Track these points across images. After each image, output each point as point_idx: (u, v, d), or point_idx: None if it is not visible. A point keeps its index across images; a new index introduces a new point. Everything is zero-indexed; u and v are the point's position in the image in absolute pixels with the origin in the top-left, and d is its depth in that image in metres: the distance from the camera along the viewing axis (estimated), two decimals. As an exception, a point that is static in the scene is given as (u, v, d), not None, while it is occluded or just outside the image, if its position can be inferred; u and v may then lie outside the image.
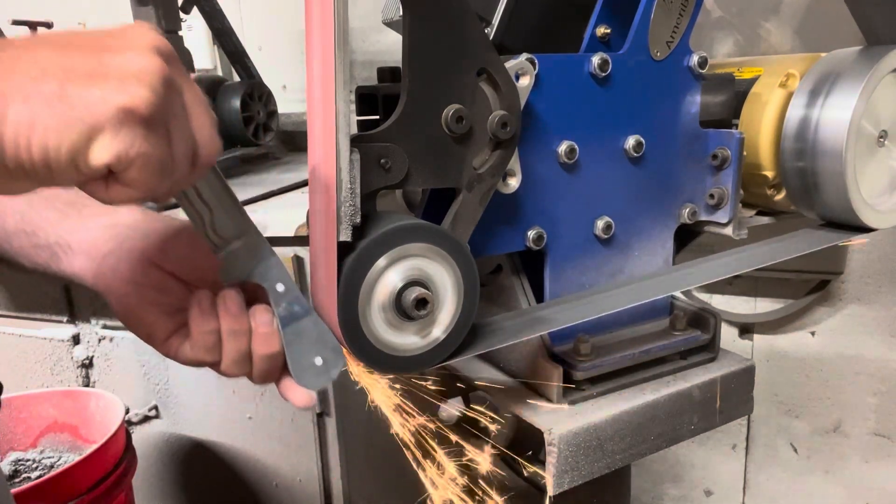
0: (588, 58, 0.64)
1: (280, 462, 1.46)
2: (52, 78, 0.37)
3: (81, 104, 0.37)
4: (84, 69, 0.38)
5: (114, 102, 0.37)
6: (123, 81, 0.38)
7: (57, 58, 0.38)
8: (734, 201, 0.73)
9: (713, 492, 1.86)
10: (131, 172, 0.39)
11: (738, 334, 1.71)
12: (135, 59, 0.39)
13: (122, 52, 0.39)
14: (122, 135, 0.38)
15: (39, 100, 0.36)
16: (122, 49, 0.40)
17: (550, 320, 0.62)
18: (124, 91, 0.38)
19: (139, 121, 0.38)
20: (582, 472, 0.64)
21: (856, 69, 0.70)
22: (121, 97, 0.38)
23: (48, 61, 0.37)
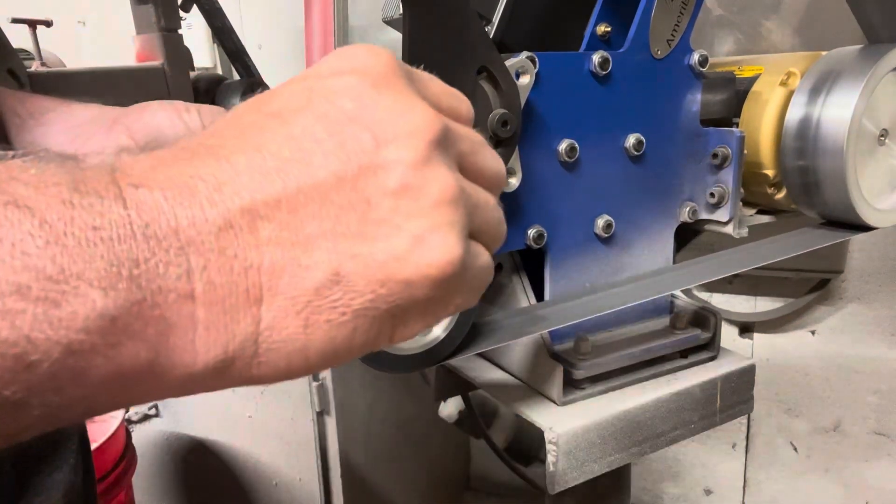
0: (588, 56, 0.64)
1: (280, 461, 1.46)
2: (323, 267, 0.25)
3: (371, 297, 0.26)
4: (355, 233, 0.26)
5: (417, 280, 0.26)
6: (420, 238, 0.26)
7: (312, 234, 0.25)
8: (735, 200, 0.73)
9: (713, 491, 1.86)
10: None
11: (738, 333, 1.71)
12: (413, 180, 0.26)
13: (387, 170, 0.26)
14: (429, 312, 0.28)
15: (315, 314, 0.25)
16: (387, 165, 0.26)
17: (551, 319, 0.62)
18: (423, 254, 0.26)
19: (447, 279, 0.27)
20: (582, 471, 0.64)
21: (857, 68, 0.70)
22: (421, 264, 0.26)
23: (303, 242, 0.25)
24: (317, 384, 1.34)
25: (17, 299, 0.20)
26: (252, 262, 0.24)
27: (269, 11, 2.14)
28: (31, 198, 0.21)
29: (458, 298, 0.29)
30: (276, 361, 0.26)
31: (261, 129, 0.26)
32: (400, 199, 0.26)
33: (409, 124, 0.27)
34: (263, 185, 0.25)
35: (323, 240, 0.25)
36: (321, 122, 0.26)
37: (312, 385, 1.34)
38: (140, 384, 0.24)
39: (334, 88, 0.27)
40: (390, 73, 0.28)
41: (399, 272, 0.26)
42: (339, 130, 0.26)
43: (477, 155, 0.31)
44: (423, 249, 0.26)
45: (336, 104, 0.26)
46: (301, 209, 0.25)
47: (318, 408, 1.36)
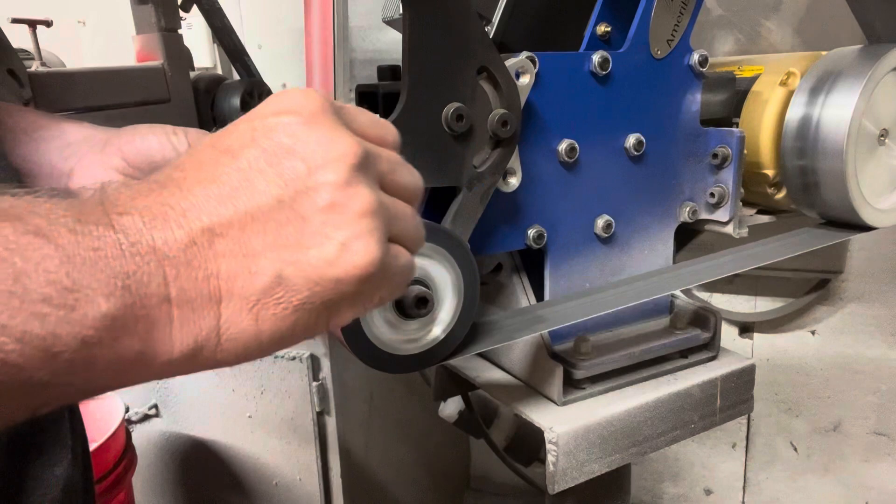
0: (588, 56, 0.64)
1: (280, 461, 1.46)
2: (268, 272, 0.31)
3: (307, 294, 0.32)
4: (294, 243, 0.32)
5: (344, 278, 0.32)
6: (345, 245, 0.32)
7: (264, 245, 0.32)
8: (734, 200, 0.73)
9: (713, 490, 1.86)
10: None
11: (738, 333, 1.71)
12: (338, 198, 0.32)
13: (317, 191, 0.32)
14: (357, 303, 0.34)
15: (262, 307, 0.32)
16: (317, 187, 0.32)
17: (551, 319, 0.62)
18: (348, 257, 0.32)
19: (370, 277, 0.33)
20: (582, 471, 0.64)
21: (856, 68, 0.70)
22: (347, 266, 0.32)
23: (257, 251, 0.31)
24: (317, 384, 1.34)
25: (44, 305, 0.27)
26: (212, 271, 0.31)
27: (269, 11, 2.14)
28: (46, 228, 0.28)
29: (382, 292, 0.36)
30: (235, 348, 0.32)
31: (215, 164, 0.33)
32: (328, 214, 0.32)
33: (334, 152, 0.33)
34: (218, 210, 0.31)
35: (268, 250, 0.32)
36: (263, 156, 0.32)
37: (312, 385, 1.34)
38: (132, 369, 0.30)
39: (274, 126, 0.33)
40: (320, 112, 0.34)
41: (330, 273, 0.32)
42: (278, 161, 0.32)
43: (395, 173, 0.37)
44: (349, 254, 0.32)
45: (275, 140, 0.33)
46: (249, 227, 0.31)
47: (318, 408, 1.36)
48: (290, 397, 1.39)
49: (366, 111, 0.39)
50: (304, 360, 1.34)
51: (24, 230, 0.27)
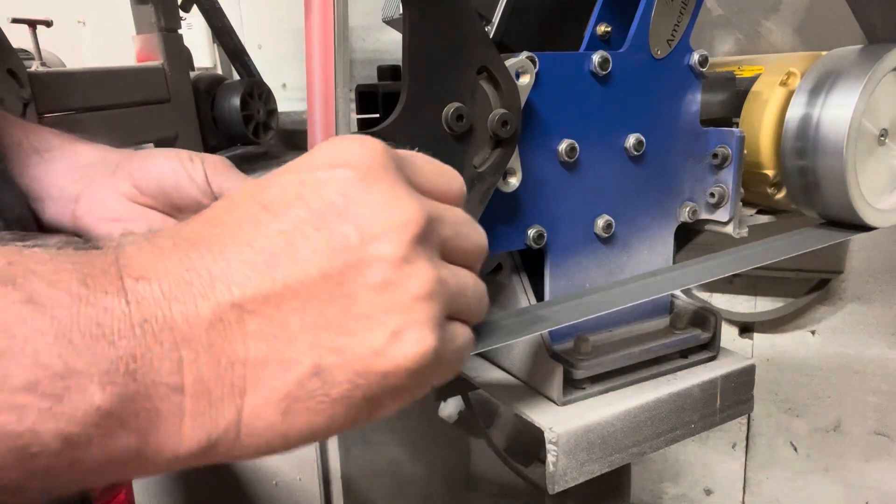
0: (588, 56, 0.64)
1: (280, 461, 1.46)
2: (304, 360, 0.27)
3: (348, 387, 0.27)
4: (336, 326, 0.27)
5: (393, 372, 0.28)
6: (397, 333, 0.28)
7: (306, 334, 0.27)
8: (734, 200, 0.73)
9: (713, 490, 1.86)
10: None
11: (738, 333, 1.71)
12: (394, 276, 0.28)
13: (370, 265, 0.27)
14: (404, 396, 0.30)
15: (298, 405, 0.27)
16: (370, 260, 0.27)
17: (551, 319, 0.62)
18: (399, 347, 0.28)
19: (422, 370, 0.29)
20: (582, 471, 0.64)
21: (857, 68, 0.70)
22: (398, 358, 0.28)
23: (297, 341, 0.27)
24: (317, 384, 1.34)
25: (25, 394, 0.22)
26: (238, 356, 0.26)
27: (269, 11, 2.14)
28: (43, 293, 0.23)
29: (434, 380, 0.31)
30: (257, 444, 0.27)
31: (254, 223, 0.27)
32: (381, 295, 0.27)
33: (393, 220, 0.28)
34: (252, 281, 0.26)
35: (305, 333, 0.27)
36: (310, 217, 0.27)
37: (312, 385, 1.34)
38: (128, 467, 0.26)
39: (324, 182, 0.28)
40: (379, 166, 0.29)
41: (376, 365, 0.27)
42: (327, 226, 0.27)
43: (460, 238, 0.33)
44: (400, 344, 0.28)
45: (325, 199, 0.28)
46: (286, 304, 0.26)
47: (318, 408, 1.36)
48: (290, 397, 1.39)
49: (430, 159, 0.35)
50: (304, 360, 1.34)
51: (15, 299, 0.22)
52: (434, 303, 0.29)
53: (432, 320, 0.28)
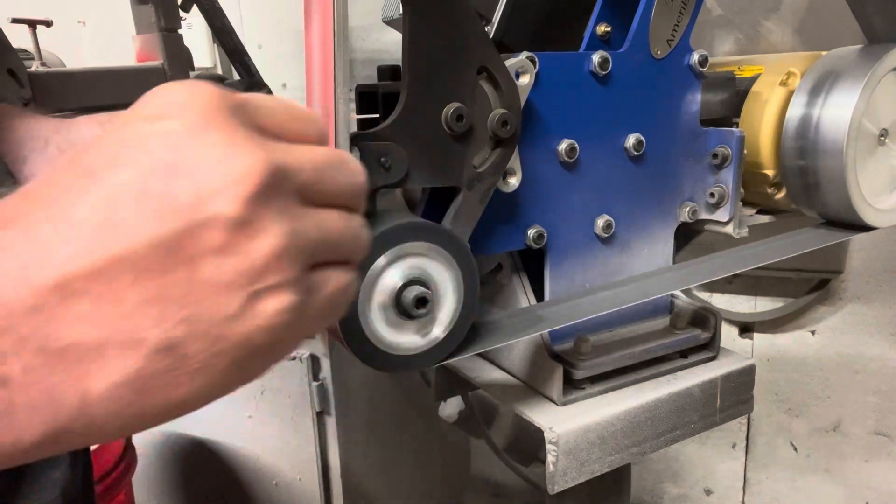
0: (588, 56, 0.64)
1: (280, 461, 1.46)
2: (149, 336, 0.24)
3: (206, 356, 0.25)
4: (182, 295, 0.25)
5: (251, 334, 0.26)
6: (250, 296, 0.26)
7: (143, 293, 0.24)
8: (734, 200, 0.73)
9: (713, 490, 1.86)
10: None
11: (738, 333, 1.71)
12: (236, 238, 0.25)
13: (208, 227, 0.25)
14: (277, 351, 0.28)
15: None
16: (207, 221, 0.25)
17: (551, 319, 0.62)
18: (253, 311, 0.26)
19: (286, 326, 0.27)
20: (582, 471, 0.64)
21: (856, 68, 0.70)
22: (253, 321, 0.26)
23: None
24: (317, 384, 1.34)
25: None
26: (69, 340, 0.23)
27: (269, 11, 2.14)
28: None
29: (305, 332, 0.29)
30: (115, 426, 0.25)
31: (74, 192, 0.24)
32: (225, 259, 0.25)
33: (231, 172, 0.25)
34: (73, 258, 0.23)
35: (148, 307, 0.24)
36: (136, 179, 0.24)
37: (312, 385, 1.34)
38: None
39: (150, 136, 0.25)
40: (212, 112, 0.26)
41: (233, 331, 0.25)
42: (155, 187, 0.24)
43: (323, 182, 0.29)
44: (255, 306, 0.25)
45: (152, 156, 0.25)
46: (119, 279, 0.24)
47: (318, 408, 1.36)
48: (290, 397, 1.39)
49: (282, 100, 0.31)
50: (304, 360, 1.34)
51: None
52: (287, 260, 0.26)
53: (287, 278, 0.26)
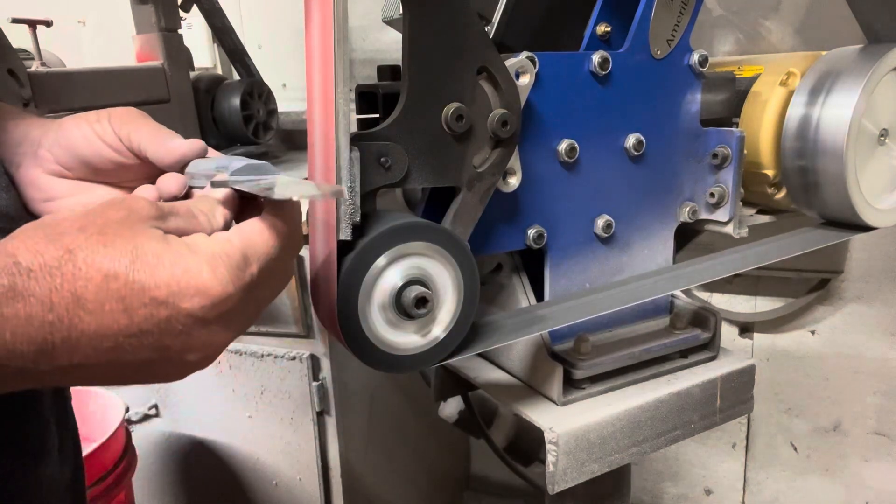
0: (588, 56, 0.64)
1: (280, 461, 1.46)
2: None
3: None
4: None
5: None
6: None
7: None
8: (734, 200, 0.73)
9: (713, 490, 1.86)
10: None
11: (738, 333, 1.71)
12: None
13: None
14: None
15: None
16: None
17: (550, 319, 0.62)
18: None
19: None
20: (582, 471, 0.64)
21: (856, 68, 0.70)
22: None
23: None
24: (317, 384, 1.34)
25: None
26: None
27: (269, 11, 2.14)
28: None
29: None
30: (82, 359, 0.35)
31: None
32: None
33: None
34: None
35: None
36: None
37: (312, 385, 1.34)
38: None
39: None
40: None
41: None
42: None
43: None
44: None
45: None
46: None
47: (318, 408, 1.36)
48: (290, 397, 1.38)
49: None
50: (304, 360, 1.34)
51: None
52: None
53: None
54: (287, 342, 1.35)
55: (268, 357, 1.37)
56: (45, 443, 0.51)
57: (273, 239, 0.40)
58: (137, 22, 1.47)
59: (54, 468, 0.51)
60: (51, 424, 0.52)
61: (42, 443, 0.51)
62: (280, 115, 1.79)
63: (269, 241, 0.40)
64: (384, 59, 1.36)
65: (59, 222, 0.35)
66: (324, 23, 0.47)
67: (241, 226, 0.41)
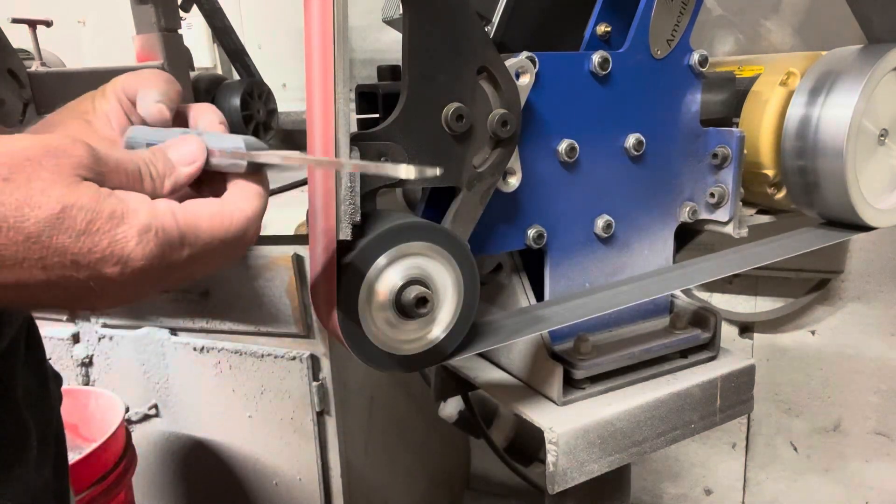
0: (588, 56, 0.64)
1: (280, 461, 1.46)
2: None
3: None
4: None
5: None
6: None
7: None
8: (734, 200, 0.73)
9: (713, 490, 1.86)
10: None
11: (738, 333, 1.71)
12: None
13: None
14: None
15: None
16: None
17: (550, 319, 0.62)
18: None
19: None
20: (582, 471, 0.64)
21: (856, 68, 0.70)
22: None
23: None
24: (317, 384, 1.34)
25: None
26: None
27: (269, 11, 2.14)
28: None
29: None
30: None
31: None
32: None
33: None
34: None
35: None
36: None
37: (312, 385, 1.34)
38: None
39: None
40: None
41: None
42: None
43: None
44: None
45: None
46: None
47: (318, 408, 1.36)
48: (290, 397, 1.38)
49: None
50: (304, 360, 1.34)
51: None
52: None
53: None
54: (287, 342, 1.35)
55: (268, 357, 1.37)
56: (21, 444, 0.51)
57: (221, 230, 0.39)
58: (137, 22, 1.47)
59: (32, 469, 0.51)
60: (29, 424, 0.52)
61: (18, 444, 0.50)
62: (280, 115, 1.79)
63: (214, 230, 0.39)
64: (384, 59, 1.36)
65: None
66: (324, 23, 0.47)
67: (194, 203, 0.39)
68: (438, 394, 0.85)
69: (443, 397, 0.88)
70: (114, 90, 0.50)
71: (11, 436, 0.50)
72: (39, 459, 0.52)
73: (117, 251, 0.35)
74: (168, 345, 1.44)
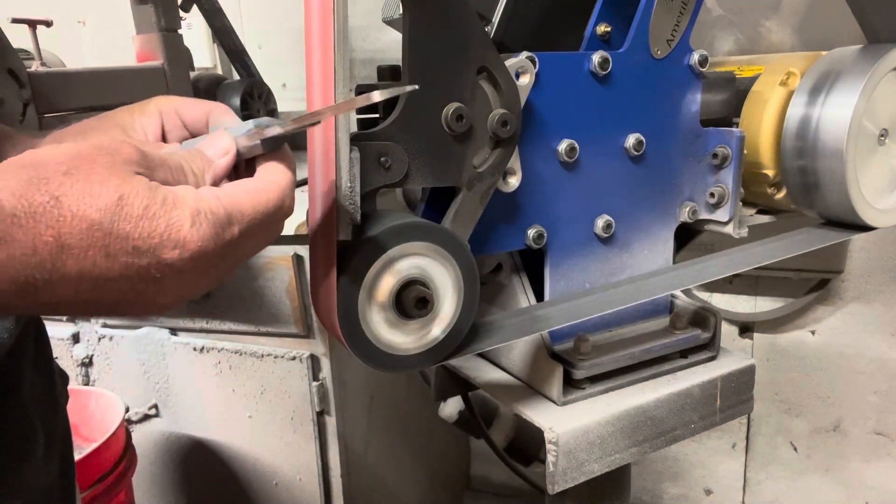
0: (588, 56, 0.64)
1: (280, 461, 1.46)
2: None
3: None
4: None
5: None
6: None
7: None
8: (734, 200, 0.73)
9: (713, 490, 1.86)
10: None
11: (738, 333, 1.71)
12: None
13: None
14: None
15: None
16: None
17: (550, 319, 0.62)
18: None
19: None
20: (582, 471, 0.64)
21: (856, 68, 0.70)
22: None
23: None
24: (317, 384, 1.34)
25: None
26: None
27: (269, 11, 2.14)
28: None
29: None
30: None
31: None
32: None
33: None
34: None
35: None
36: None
37: (312, 385, 1.34)
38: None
39: None
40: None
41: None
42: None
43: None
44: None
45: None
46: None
47: (318, 408, 1.36)
48: (290, 397, 1.38)
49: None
50: (304, 360, 1.34)
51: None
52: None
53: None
54: (287, 342, 1.35)
55: (268, 357, 1.37)
56: (28, 442, 0.51)
57: (261, 204, 0.41)
58: (137, 22, 1.47)
59: (38, 467, 0.51)
60: (35, 422, 0.52)
61: (25, 442, 0.51)
62: (280, 115, 1.79)
63: (256, 205, 0.41)
64: (384, 59, 1.36)
65: (44, 162, 0.35)
66: (324, 23, 0.47)
67: (232, 185, 0.42)
68: (438, 394, 0.85)
69: (443, 397, 0.88)
70: (158, 107, 0.53)
71: (18, 434, 0.50)
72: (46, 458, 0.53)
73: (174, 235, 0.37)
74: (168, 345, 1.44)
